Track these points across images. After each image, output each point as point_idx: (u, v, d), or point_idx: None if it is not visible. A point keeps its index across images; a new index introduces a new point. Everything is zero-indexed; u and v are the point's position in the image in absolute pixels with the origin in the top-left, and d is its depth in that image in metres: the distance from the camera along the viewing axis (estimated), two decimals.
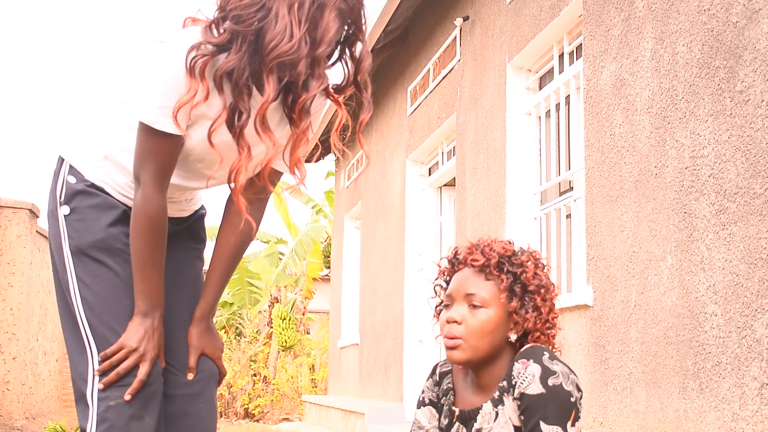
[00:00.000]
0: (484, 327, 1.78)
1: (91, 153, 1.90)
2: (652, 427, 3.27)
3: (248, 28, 1.66)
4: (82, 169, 1.89)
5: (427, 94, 6.70)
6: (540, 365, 1.72)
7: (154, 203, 1.79)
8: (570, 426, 1.71)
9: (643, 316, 3.37)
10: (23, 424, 8.45)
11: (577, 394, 1.72)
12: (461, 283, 1.83)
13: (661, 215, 3.28)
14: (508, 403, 1.77)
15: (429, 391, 1.96)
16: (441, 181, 7.01)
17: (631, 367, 3.45)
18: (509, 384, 1.77)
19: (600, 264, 3.77)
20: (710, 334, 2.94)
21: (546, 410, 1.70)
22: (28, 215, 8.50)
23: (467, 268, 1.84)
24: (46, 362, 10.21)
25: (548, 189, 4.90)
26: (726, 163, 2.90)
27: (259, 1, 1.66)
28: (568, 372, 1.74)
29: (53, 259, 1.90)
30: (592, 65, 3.95)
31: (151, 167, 1.77)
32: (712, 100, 2.99)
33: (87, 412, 1.78)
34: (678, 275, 3.15)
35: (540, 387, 1.71)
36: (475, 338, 1.78)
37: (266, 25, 1.66)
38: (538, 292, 1.81)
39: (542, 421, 1.70)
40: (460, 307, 1.81)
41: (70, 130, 1.97)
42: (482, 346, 1.79)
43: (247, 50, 1.68)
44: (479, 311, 1.79)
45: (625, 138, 3.60)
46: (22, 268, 8.38)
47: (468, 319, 1.79)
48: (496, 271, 1.81)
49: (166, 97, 1.71)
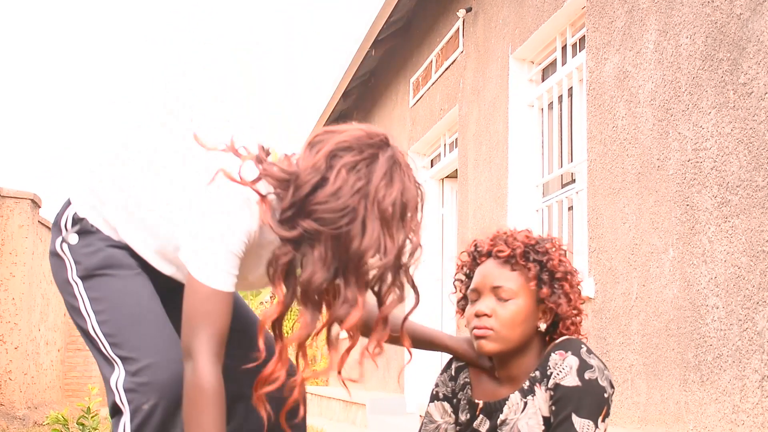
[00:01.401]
0: (515, 318, 1.76)
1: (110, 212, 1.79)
2: (652, 419, 3.27)
3: (333, 231, 1.54)
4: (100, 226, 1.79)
5: (430, 85, 6.69)
6: (578, 358, 1.72)
7: (209, 377, 1.58)
8: (600, 421, 1.70)
9: (645, 308, 3.37)
10: (25, 413, 8.48)
11: (610, 391, 1.72)
12: (487, 276, 1.80)
13: (663, 208, 3.28)
14: (539, 393, 1.76)
15: (443, 386, 1.93)
16: (443, 173, 7.01)
17: (632, 359, 3.45)
18: (542, 374, 1.75)
19: (602, 256, 3.77)
20: (711, 326, 2.94)
21: (580, 403, 1.69)
22: (30, 205, 8.51)
23: (491, 260, 1.81)
24: (48, 352, 10.23)
25: (550, 181, 4.90)
26: (728, 156, 2.89)
27: (349, 207, 1.54)
28: (603, 368, 1.73)
29: (64, 297, 1.79)
30: (595, 57, 3.94)
31: (207, 333, 1.59)
32: (715, 93, 2.99)
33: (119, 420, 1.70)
34: (680, 268, 3.15)
35: (576, 379, 1.70)
36: (506, 329, 1.76)
37: (353, 230, 1.55)
38: (565, 278, 1.79)
39: (574, 413, 1.69)
40: (487, 300, 1.79)
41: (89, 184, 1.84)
42: (513, 337, 1.77)
43: (331, 256, 1.56)
44: (509, 303, 1.77)
45: (628, 130, 3.60)
46: (24, 258, 8.39)
47: (498, 310, 1.77)
48: (522, 260, 1.78)
49: (231, 263, 1.61)
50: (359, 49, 7.60)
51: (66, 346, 11.16)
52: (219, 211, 1.60)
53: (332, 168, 1.56)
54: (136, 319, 1.73)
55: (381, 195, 1.56)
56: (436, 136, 6.83)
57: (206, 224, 1.60)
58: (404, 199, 1.60)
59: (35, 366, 9.54)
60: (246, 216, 1.60)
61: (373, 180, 1.56)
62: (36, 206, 8.83)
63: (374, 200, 1.56)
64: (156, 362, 1.68)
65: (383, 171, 1.57)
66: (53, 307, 10.30)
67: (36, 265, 9.20)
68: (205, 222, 1.61)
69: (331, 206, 1.54)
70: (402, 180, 1.60)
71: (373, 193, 1.55)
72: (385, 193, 1.56)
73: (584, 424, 1.68)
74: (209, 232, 1.60)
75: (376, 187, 1.56)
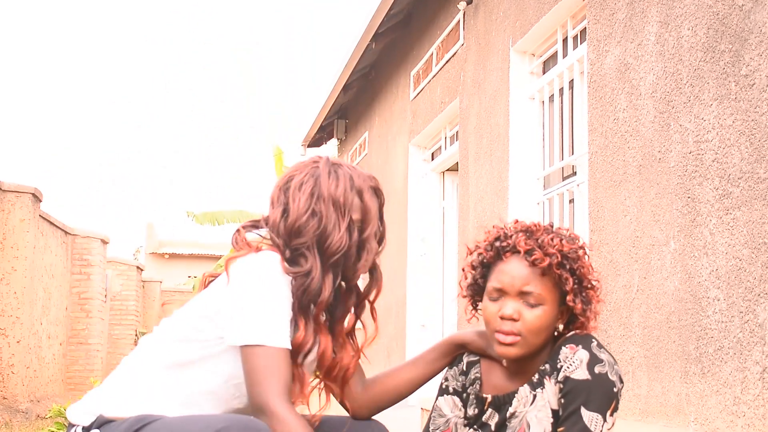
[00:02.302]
0: (542, 324, 1.74)
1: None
2: (653, 411, 3.28)
3: (311, 237, 1.77)
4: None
5: (430, 78, 6.68)
6: (588, 352, 1.72)
7: (294, 420, 1.65)
8: (609, 415, 1.70)
9: (646, 300, 3.38)
10: (28, 406, 8.49)
11: (619, 385, 1.72)
12: (516, 278, 1.75)
13: (665, 200, 3.28)
14: (549, 386, 1.76)
15: (453, 380, 1.92)
16: (444, 166, 7.00)
17: (633, 351, 3.45)
18: (553, 367, 1.75)
19: (603, 249, 3.77)
20: (713, 318, 2.94)
21: (589, 396, 1.69)
22: (31, 199, 8.51)
23: (519, 260, 1.76)
24: (50, 346, 10.24)
25: (551, 174, 4.89)
26: (730, 148, 2.89)
27: (311, 209, 1.79)
28: (613, 362, 1.74)
29: None
30: (596, 49, 3.93)
31: (278, 385, 1.67)
32: (717, 84, 2.98)
33: None
34: (681, 260, 3.15)
35: (586, 373, 1.70)
36: (532, 336, 1.74)
37: (321, 230, 1.78)
38: (591, 286, 1.79)
39: (583, 406, 1.69)
40: (513, 302, 1.75)
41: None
42: (537, 342, 1.76)
43: (320, 259, 1.79)
44: (536, 309, 1.74)
45: (629, 122, 3.59)
46: (26, 252, 8.40)
47: (525, 315, 1.74)
48: (558, 269, 1.75)
49: (284, 319, 1.73)
50: (359, 42, 7.59)
51: (68, 340, 11.18)
52: (263, 276, 1.73)
53: (287, 193, 1.82)
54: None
55: (332, 189, 1.80)
56: (437, 129, 6.82)
57: (257, 291, 1.72)
58: (356, 185, 1.84)
59: (37, 360, 9.55)
60: (280, 272, 1.76)
61: (321, 182, 1.81)
62: (37, 200, 8.83)
63: (328, 196, 1.79)
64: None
65: (326, 172, 1.82)
66: (55, 301, 10.31)
67: (37, 259, 9.20)
68: (255, 290, 1.72)
69: (299, 219, 1.77)
70: (346, 173, 1.84)
71: (325, 192, 1.80)
72: (335, 186, 1.81)
73: (593, 418, 1.69)
74: (263, 297, 1.71)
75: (325, 186, 1.80)
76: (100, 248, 11.45)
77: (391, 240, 8.70)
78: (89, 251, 11.23)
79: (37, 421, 7.66)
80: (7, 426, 7.01)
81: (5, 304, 8.20)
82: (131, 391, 1.78)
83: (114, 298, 13.44)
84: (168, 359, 1.77)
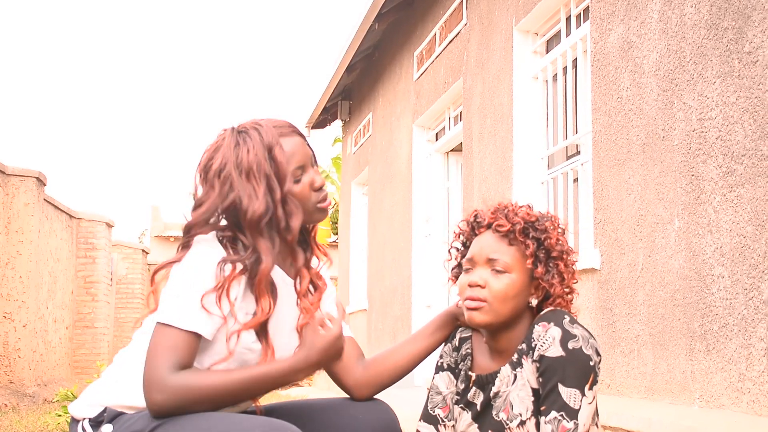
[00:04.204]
0: (507, 291, 1.78)
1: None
2: (659, 389, 3.29)
3: (228, 203, 1.76)
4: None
5: (434, 58, 6.66)
6: (560, 328, 1.73)
7: (178, 385, 1.69)
8: (587, 389, 1.72)
9: (651, 279, 3.38)
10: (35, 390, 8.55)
11: (596, 358, 1.73)
12: (484, 247, 1.82)
13: (669, 178, 3.27)
14: (526, 365, 1.78)
15: (447, 356, 1.95)
16: (448, 147, 6.99)
17: (638, 329, 3.46)
18: (528, 346, 1.77)
19: (607, 228, 3.77)
20: (717, 296, 2.94)
21: (565, 373, 1.71)
22: (35, 183, 8.52)
23: (489, 232, 1.83)
24: (57, 329, 10.29)
25: (555, 153, 4.88)
26: (734, 125, 2.88)
27: (231, 191, 1.76)
28: (587, 336, 1.74)
29: None
30: (600, 28, 3.91)
31: (169, 360, 1.70)
32: (720, 62, 2.97)
33: None
34: (685, 238, 3.15)
35: (560, 350, 1.71)
36: (498, 302, 1.78)
37: (240, 207, 1.75)
38: (561, 258, 1.81)
39: (560, 383, 1.71)
40: (482, 270, 1.81)
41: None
42: (504, 311, 1.79)
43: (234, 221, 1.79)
44: (502, 276, 1.79)
45: (633, 101, 3.58)
46: (31, 236, 8.42)
47: (491, 282, 1.79)
48: (521, 236, 1.80)
49: (192, 302, 1.74)
50: (363, 23, 7.56)
51: (74, 324, 11.23)
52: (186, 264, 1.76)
53: (205, 177, 1.80)
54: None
55: (242, 159, 1.76)
56: (441, 109, 6.81)
57: (176, 278, 1.75)
58: (265, 142, 1.78)
59: (44, 344, 9.60)
60: (204, 260, 1.76)
61: (229, 158, 1.77)
62: (41, 184, 8.84)
63: (239, 169, 1.76)
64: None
65: (233, 144, 1.78)
66: (60, 284, 10.35)
67: (42, 243, 9.23)
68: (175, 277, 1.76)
69: (216, 191, 1.77)
70: (254, 135, 1.78)
71: (234, 166, 1.76)
72: (246, 153, 1.77)
73: (571, 393, 1.70)
74: (176, 283, 1.74)
75: (233, 160, 1.76)
76: (105, 232, 11.47)
77: (396, 221, 8.72)
78: (94, 235, 11.26)
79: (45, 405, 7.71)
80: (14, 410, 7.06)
81: (11, 288, 8.24)
82: (131, 380, 1.78)
83: (120, 281, 13.48)
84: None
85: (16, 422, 5.73)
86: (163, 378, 1.66)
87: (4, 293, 8.18)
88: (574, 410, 1.70)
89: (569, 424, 1.70)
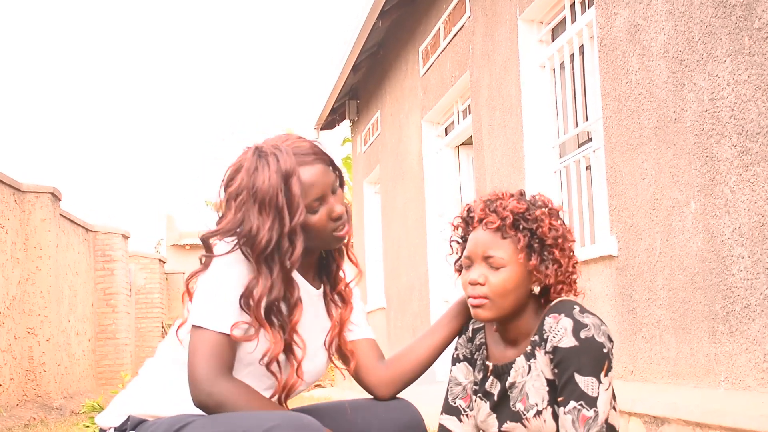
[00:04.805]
0: (506, 285, 1.80)
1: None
2: (683, 373, 3.27)
3: (236, 230, 1.77)
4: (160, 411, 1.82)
5: (439, 53, 6.65)
6: (571, 319, 1.75)
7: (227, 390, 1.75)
8: (603, 376, 1.73)
9: (669, 263, 3.36)
10: (62, 403, 8.61)
11: (608, 345, 1.75)
12: (478, 244, 1.84)
13: (683, 160, 3.25)
14: (540, 357, 1.80)
15: (462, 348, 1.98)
16: (458, 140, 6.98)
17: (659, 314, 3.44)
18: (541, 338, 1.79)
19: (623, 213, 3.75)
20: (738, 276, 2.92)
21: (580, 362, 1.72)
22: (50, 199, 8.58)
23: (482, 228, 1.85)
24: (80, 342, 10.36)
25: (567, 141, 4.86)
26: (747, 103, 2.86)
27: (240, 213, 1.77)
28: (599, 323, 1.76)
29: None
30: (605, 12, 3.89)
31: (210, 362, 1.77)
32: (730, 40, 2.94)
33: None
34: (702, 220, 3.12)
35: (573, 340, 1.73)
36: (498, 297, 1.80)
37: (246, 227, 1.76)
38: (556, 245, 1.82)
39: (577, 373, 1.72)
40: (480, 267, 1.83)
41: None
42: (506, 304, 1.81)
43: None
44: (500, 271, 1.80)
45: (642, 84, 3.56)
46: (49, 252, 8.47)
47: (490, 279, 1.81)
48: (512, 230, 1.82)
49: (225, 305, 1.78)
50: (366, 22, 7.55)
51: (96, 336, 11.29)
52: (216, 267, 1.80)
53: (225, 195, 1.81)
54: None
55: (257, 186, 1.76)
56: (449, 103, 6.79)
57: (208, 281, 1.79)
58: (283, 169, 1.76)
59: (68, 357, 9.66)
60: (234, 263, 1.80)
61: (244, 183, 1.77)
62: (56, 199, 8.90)
63: (251, 196, 1.76)
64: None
65: (252, 167, 1.77)
66: (80, 298, 10.41)
67: (61, 258, 9.29)
68: (207, 280, 1.80)
69: (232, 214, 1.78)
70: (273, 159, 1.76)
71: (248, 192, 1.76)
72: (262, 181, 1.75)
73: (588, 382, 1.72)
74: (209, 285, 1.78)
75: (248, 185, 1.76)
76: (122, 243, 11.53)
77: (409, 218, 8.72)
78: (111, 247, 11.32)
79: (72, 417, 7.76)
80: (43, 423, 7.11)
81: (32, 303, 8.29)
82: (155, 389, 1.83)
83: (138, 291, 13.55)
84: (179, 357, 1.83)
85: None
86: (209, 381, 1.72)
87: (27, 309, 8.24)
88: (592, 398, 1.72)
89: (589, 412, 1.72)
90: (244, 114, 34.84)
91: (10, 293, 7.79)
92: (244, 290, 1.76)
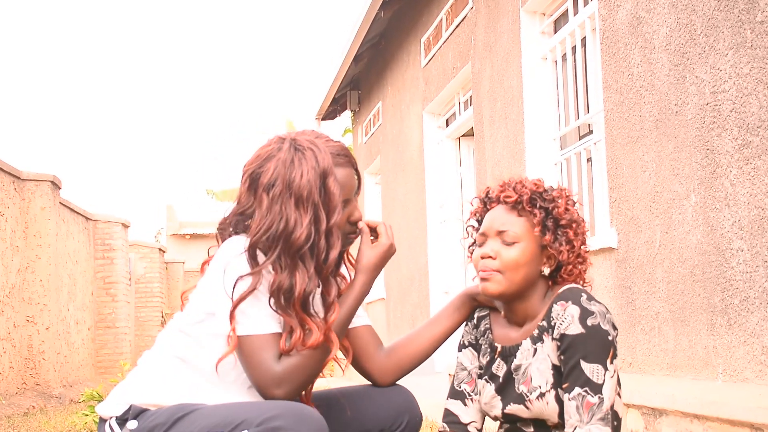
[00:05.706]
0: (518, 260, 1.83)
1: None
2: (681, 365, 3.28)
3: (275, 239, 1.75)
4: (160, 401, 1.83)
5: (441, 44, 6.64)
6: (579, 306, 1.78)
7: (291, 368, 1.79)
8: (609, 363, 1.76)
9: (669, 255, 3.36)
10: (61, 392, 8.63)
11: (613, 333, 1.79)
12: (494, 220, 1.87)
13: (683, 153, 3.25)
14: (547, 342, 1.83)
15: (468, 335, 2.01)
16: (459, 132, 6.98)
17: (658, 306, 3.45)
18: (549, 324, 1.82)
19: (623, 206, 3.75)
20: (737, 269, 2.92)
21: (586, 349, 1.75)
22: (50, 187, 8.57)
23: (499, 206, 1.89)
24: (79, 331, 10.37)
25: (568, 133, 4.86)
26: (748, 97, 2.86)
27: (277, 213, 1.75)
28: (604, 311, 1.80)
29: None
30: (608, 5, 3.88)
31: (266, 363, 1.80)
32: (732, 33, 2.94)
33: None
34: (702, 213, 3.13)
35: (579, 327, 1.76)
36: (509, 271, 1.83)
37: (281, 222, 1.75)
38: (569, 226, 1.86)
39: (583, 359, 1.75)
40: (493, 243, 1.86)
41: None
42: (516, 279, 1.84)
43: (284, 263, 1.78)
44: (512, 246, 1.84)
45: (644, 77, 3.56)
46: (48, 240, 8.48)
47: (502, 253, 1.84)
48: (528, 206, 1.85)
49: (263, 307, 1.79)
50: (368, 12, 7.54)
51: (96, 325, 11.31)
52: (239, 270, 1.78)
53: (255, 194, 1.79)
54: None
55: (295, 182, 1.75)
56: (450, 95, 6.79)
57: (238, 287, 1.77)
58: (321, 167, 1.76)
59: (67, 345, 9.68)
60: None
61: (281, 177, 1.75)
62: (56, 188, 8.89)
63: (290, 192, 1.75)
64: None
65: (289, 161, 1.76)
66: (80, 286, 10.42)
67: (60, 246, 9.29)
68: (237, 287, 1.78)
69: (263, 224, 1.76)
70: (310, 156, 1.76)
71: (286, 187, 1.75)
72: (299, 177, 1.75)
73: (594, 369, 1.75)
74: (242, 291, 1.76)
75: (286, 180, 1.75)
76: (122, 232, 11.53)
77: (410, 209, 8.72)
78: (111, 236, 11.32)
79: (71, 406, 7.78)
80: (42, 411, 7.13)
81: (32, 292, 8.30)
82: (156, 380, 1.84)
83: (138, 281, 13.56)
84: (179, 350, 1.84)
85: (44, 423, 5.79)
86: (272, 373, 1.73)
87: (26, 297, 8.25)
88: (598, 385, 1.75)
89: (594, 398, 1.74)
90: (245, 104, 34.82)
91: (9, 281, 7.80)
92: (277, 288, 1.75)
